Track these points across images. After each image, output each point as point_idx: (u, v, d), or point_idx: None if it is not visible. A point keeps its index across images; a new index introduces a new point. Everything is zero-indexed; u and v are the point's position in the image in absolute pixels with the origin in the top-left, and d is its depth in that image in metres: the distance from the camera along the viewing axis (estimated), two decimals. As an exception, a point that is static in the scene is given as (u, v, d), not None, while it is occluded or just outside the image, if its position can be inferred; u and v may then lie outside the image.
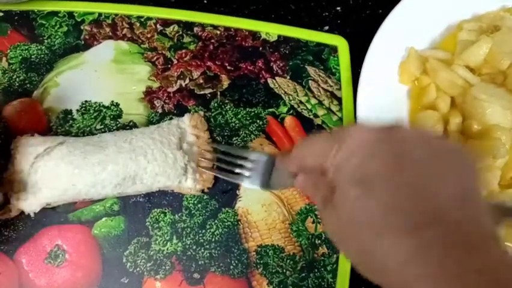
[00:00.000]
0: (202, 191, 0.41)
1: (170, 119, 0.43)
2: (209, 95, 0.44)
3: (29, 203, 0.38)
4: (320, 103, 0.44)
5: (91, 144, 0.39)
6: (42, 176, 0.37)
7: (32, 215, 0.39)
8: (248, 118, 0.44)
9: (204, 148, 0.41)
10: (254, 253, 0.40)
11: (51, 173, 0.37)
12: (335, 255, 0.40)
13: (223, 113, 0.44)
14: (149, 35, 0.46)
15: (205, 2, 0.49)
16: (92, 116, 0.43)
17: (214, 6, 0.48)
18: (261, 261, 0.39)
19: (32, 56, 0.45)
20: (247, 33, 0.46)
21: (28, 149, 0.39)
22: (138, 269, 0.39)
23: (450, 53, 0.44)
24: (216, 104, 0.44)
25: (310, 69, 0.45)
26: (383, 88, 0.43)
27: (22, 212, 0.39)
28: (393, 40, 0.44)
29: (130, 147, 0.39)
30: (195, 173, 0.40)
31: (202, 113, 0.43)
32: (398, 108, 0.43)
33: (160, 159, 0.38)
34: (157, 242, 0.40)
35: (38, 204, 0.38)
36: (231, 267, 0.39)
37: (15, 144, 0.39)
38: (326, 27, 0.48)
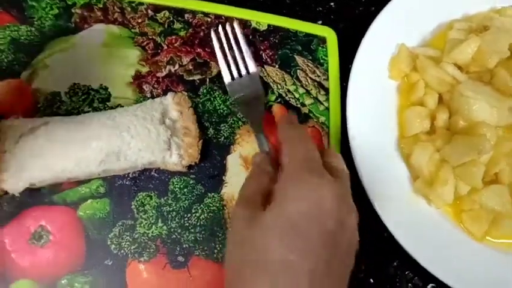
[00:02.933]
0: (189, 168, 0.41)
1: (157, 102, 0.43)
2: (198, 81, 0.45)
3: (13, 183, 0.38)
4: (308, 92, 0.45)
5: (75, 122, 0.39)
6: (26, 155, 0.37)
7: (16, 194, 0.39)
8: (236, 105, 0.44)
9: (188, 124, 0.41)
10: (238, 238, 0.40)
11: (36, 151, 0.37)
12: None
13: (212, 99, 0.44)
14: (140, 20, 0.46)
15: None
16: (81, 99, 0.43)
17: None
18: (245, 246, 0.40)
19: (22, 37, 0.45)
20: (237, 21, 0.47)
21: (13, 130, 0.39)
22: (122, 251, 0.39)
23: (440, 51, 0.44)
24: (204, 91, 0.44)
25: (299, 59, 0.46)
26: (373, 83, 0.44)
27: (7, 192, 0.39)
28: (384, 36, 0.45)
29: (113, 124, 0.39)
30: (179, 148, 0.40)
31: (185, 92, 0.44)
32: (387, 103, 0.44)
33: (143, 134, 0.39)
34: (142, 225, 0.40)
35: (22, 184, 0.38)
36: (215, 251, 0.40)
37: None
38: (319, 22, 0.48)
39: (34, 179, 0.38)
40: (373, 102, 0.43)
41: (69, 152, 0.38)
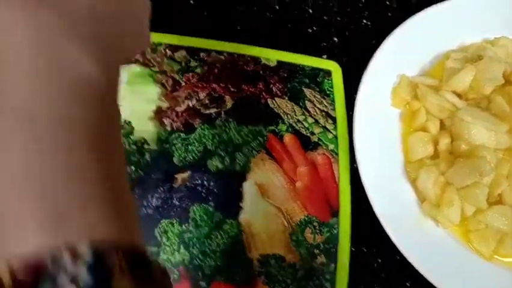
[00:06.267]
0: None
1: (178, 136, 0.46)
2: (214, 114, 0.48)
3: None
4: (316, 122, 0.48)
5: None
6: None
7: None
8: (250, 135, 0.47)
9: None
10: (257, 262, 0.42)
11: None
12: (332, 265, 0.42)
13: (227, 130, 0.47)
14: (159, 60, 0.50)
15: (212, 31, 0.53)
16: (105, 134, 0.46)
17: (221, 35, 0.52)
18: (264, 270, 0.42)
19: (50, 78, 0.48)
20: (249, 58, 0.50)
21: None
22: (146, 277, 0.41)
23: (438, 80, 0.47)
24: (220, 122, 0.47)
25: (307, 91, 0.49)
26: (377, 111, 0.46)
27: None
28: (386, 68, 0.48)
29: None
30: None
31: None
32: (391, 130, 0.46)
33: None
34: (165, 251, 0.42)
35: None
36: (235, 275, 0.41)
37: None
38: (324, 56, 0.52)
39: None
40: (378, 129, 0.46)
41: None
